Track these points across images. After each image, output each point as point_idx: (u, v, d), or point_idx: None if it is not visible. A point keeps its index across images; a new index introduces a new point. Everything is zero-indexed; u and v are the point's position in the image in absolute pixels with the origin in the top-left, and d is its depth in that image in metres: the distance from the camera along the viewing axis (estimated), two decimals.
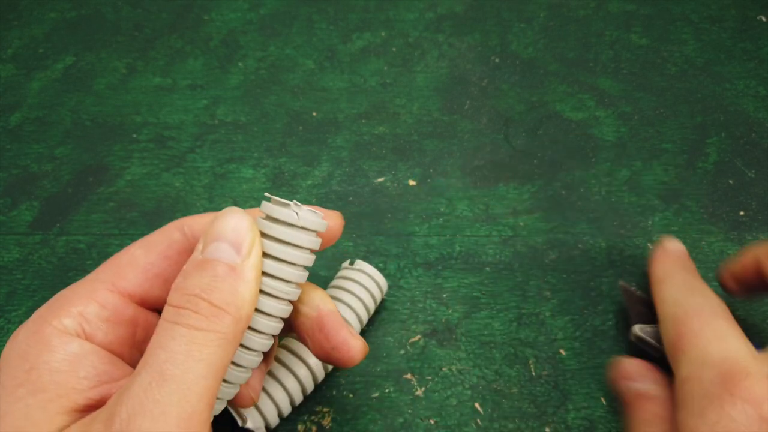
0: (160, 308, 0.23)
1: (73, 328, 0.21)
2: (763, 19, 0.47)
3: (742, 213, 0.37)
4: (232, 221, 0.21)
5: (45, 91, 0.43)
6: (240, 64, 0.45)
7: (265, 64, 0.45)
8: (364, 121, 0.42)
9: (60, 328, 0.21)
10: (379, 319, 0.33)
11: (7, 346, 0.21)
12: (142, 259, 0.23)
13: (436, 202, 0.38)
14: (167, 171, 0.39)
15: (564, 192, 0.38)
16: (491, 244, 0.36)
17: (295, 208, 0.22)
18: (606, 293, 0.34)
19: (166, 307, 0.20)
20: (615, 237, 0.36)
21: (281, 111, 0.42)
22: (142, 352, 0.22)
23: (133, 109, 0.42)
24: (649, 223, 0.37)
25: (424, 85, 0.44)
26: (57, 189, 0.38)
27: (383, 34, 0.47)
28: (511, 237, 0.36)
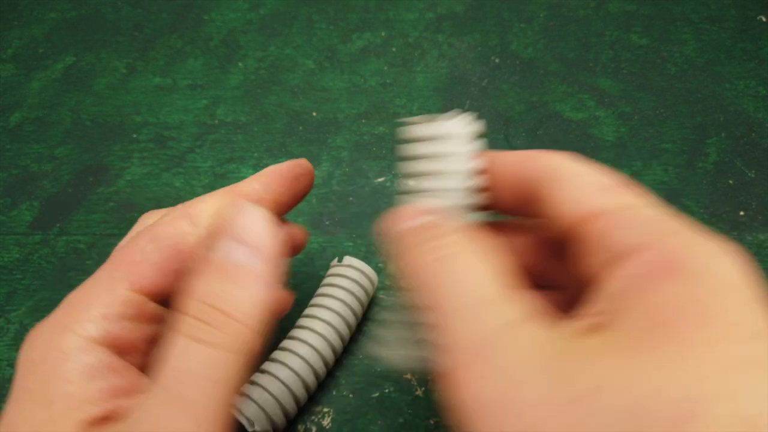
0: (148, 288, 0.22)
1: (97, 333, 0.20)
2: (763, 19, 0.47)
3: (742, 213, 0.37)
4: (250, 218, 0.20)
5: (45, 91, 0.43)
6: (240, 64, 0.45)
7: (265, 64, 0.45)
8: (364, 121, 0.42)
9: (83, 335, 0.20)
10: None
11: (23, 353, 0.20)
12: (156, 255, 0.22)
13: None
14: (167, 171, 0.39)
15: None
16: None
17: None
18: None
19: (179, 316, 0.19)
20: None
21: (281, 111, 0.42)
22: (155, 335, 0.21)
23: (133, 109, 0.42)
24: None
25: (424, 85, 0.44)
26: (57, 189, 0.38)
27: (383, 34, 0.47)
28: None
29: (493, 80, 0.44)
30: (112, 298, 0.20)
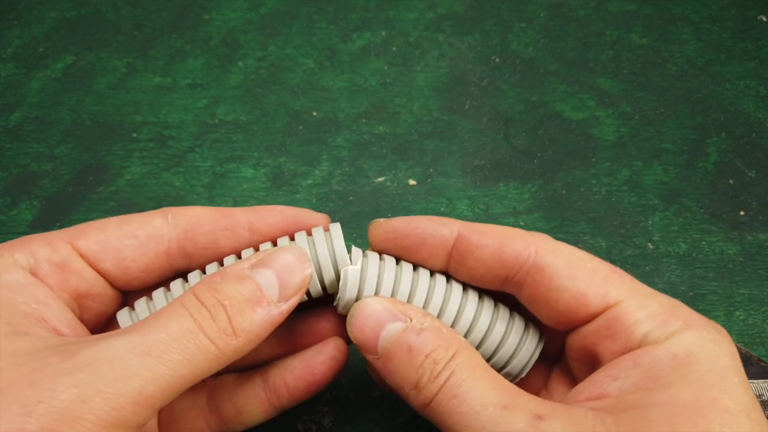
0: (108, 276, 0.24)
1: (22, 262, 0.22)
2: (764, 19, 0.47)
3: (742, 213, 0.37)
4: (297, 262, 0.22)
5: (45, 90, 0.43)
6: (240, 64, 0.45)
7: (266, 63, 0.45)
8: (364, 121, 0.42)
9: (9, 261, 0.22)
10: None
11: None
12: (111, 228, 0.24)
13: (437, 202, 0.38)
14: (167, 170, 0.39)
15: (564, 192, 0.38)
16: None
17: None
18: None
19: (190, 293, 0.21)
20: (615, 237, 0.36)
21: (281, 110, 0.42)
22: (82, 305, 0.23)
23: (133, 109, 0.42)
24: (649, 223, 0.37)
25: (424, 85, 0.44)
26: (57, 188, 0.38)
27: (383, 33, 0.47)
28: None
29: (494, 80, 0.44)
30: (45, 242, 0.23)
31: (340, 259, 0.24)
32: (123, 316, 0.24)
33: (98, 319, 0.24)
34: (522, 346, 0.24)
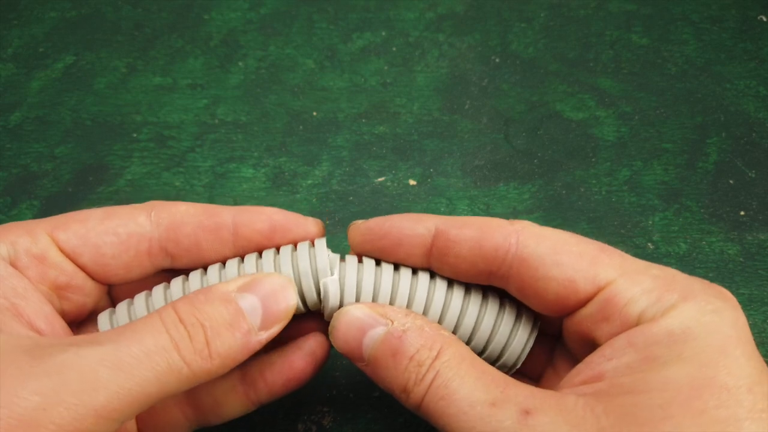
0: (87, 270, 0.23)
1: (2, 252, 0.22)
2: (764, 19, 0.47)
3: (742, 213, 0.37)
4: (283, 291, 0.22)
5: (45, 90, 0.43)
6: (240, 64, 0.45)
7: (266, 63, 0.45)
8: (364, 121, 0.42)
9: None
10: None
11: None
12: (92, 222, 0.23)
13: (437, 202, 0.38)
14: (167, 170, 0.39)
15: (564, 192, 0.38)
16: None
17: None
18: None
19: (170, 309, 0.20)
20: (615, 237, 0.36)
21: (281, 110, 0.42)
22: (62, 296, 0.23)
23: (134, 109, 0.42)
24: (649, 223, 0.37)
25: (424, 85, 0.44)
26: (57, 188, 0.38)
27: (383, 33, 0.47)
28: None
29: (494, 80, 0.44)
30: (26, 232, 0.23)
31: (322, 281, 0.24)
32: (103, 319, 0.24)
33: (79, 311, 0.24)
34: (514, 337, 0.24)
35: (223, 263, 0.25)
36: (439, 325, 0.23)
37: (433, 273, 0.25)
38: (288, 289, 0.22)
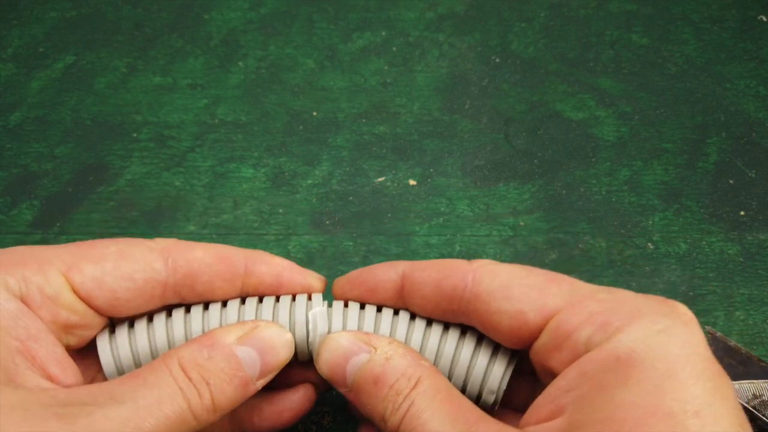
0: (98, 310, 0.24)
1: (14, 288, 0.22)
2: (764, 19, 0.47)
3: (742, 213, 0.37)
4: (281, 343, 0.23)
5: (45, 90, 0.43)
6: (240, 64, 0.45)
7: (266, 63, 0.45)
8: (364, 121, 0.42)
9: (2, 286, 0.22)
10: None
11: None
12: (108, 264, 0.23)
13: (437, 202, 0.38)
14: (167, 170, 0.39)
15: (564, 192, 0.38)
16: (491, 244, 0.36)
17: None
18: None
19: (177, 363, 0.21)
20: (615, 237, 0.36)
21: (281, 110, 0.42)
22: (69, 333, 0.23)
23: (134, 109, 0.42)
24: (649, 223, 0.37)
25: (424, 85, 0.44)
26: (57, 188, 0.38)
27: (384, 33, 0.47)
28: (512, 237, 0.36)
29: (494, 80, 0.44)
30: (41, 270, 0.22)
31: (310, 313, 0.25)
32: (103, 344, 0.24)
33: (83, 342, 0.24)
34: (490, 372, 0.24)
35: (224, 302, 0.26)
36: (420, 355, 0.23)
37: (414, 314, 0.26)
38: (285, 343, 0.24)
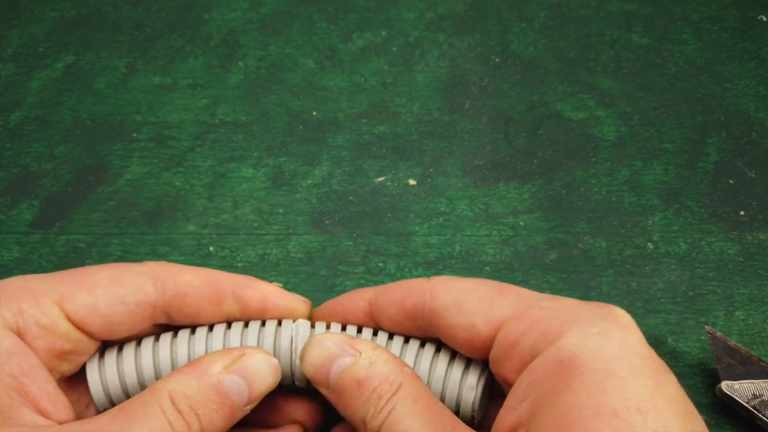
0: (93, 334, 0.24)
1: (10, 322, 0.22)
2: (764, 19, 0.47)
3: (742, 213, 0.37)
4: (268, 370, 0.24)
5: (45, 90, 0.43)
6: (240, 64, 0.45)
7: (266, 63, 0.45)
8: (364, 121, 0.42)
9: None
10: None
11: None
12: (101, 292, 0.24)
13: (436, 202, 0.38)
14: (167, 170, 0.39)
15: (564, 192, 0.38)
16: (491, 244, 0.36)
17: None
18: (606, 293, 0.34)
19: (167, 397, 0.22)
20: (615, 237, 0.36)
21: (281, 110, 0.42)
22: (63, 359, 0.24)
23: (134, 108, 0.42)
24: (649, 223, 0.37)
25: (424, 85, 0.44)
26: (57, 188, 0.38)
27: (383, 33, 0.47)
28: (511, 237, 0.36)
29: (494, 80, 0.44)
30: (36, 302, 0.23)
31: (294, 324, 0.26)
32: (92, 370, 0.25)
33: (76, 368, 0.25)
34: (464, 384, 0.24)
35: (210, 326, 0.26)
36: (402, 362, 0.24)
37: (392, 333, 0.26)
38: (271, 370, 0.24)
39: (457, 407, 0.25)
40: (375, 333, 0.26)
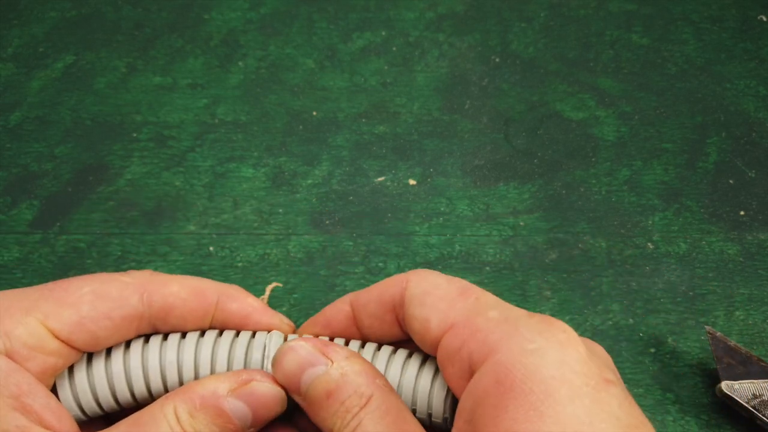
0: (80, 348, 0.24)
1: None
2: (764, 19, 0.47)
3: (742, 213, 0.37)
4: (274, 400, 0.23)
5: (45, 90, 0.43)
6: (240, 64, 0.45)
7: (266, 63, 0.45)
8: (364, 121, 0.42)
9: None
10: None
11: None
12: (86, 308, 0.24)
13: (436, 202, 0.38)
14: (167, 170, 0.39)
15: (564, 192, 0.38)
16: (491, 244, 0.36)
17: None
18: (606, 293, 0.34)
19: (173, 414, 0.22)
20: (615, 237, 0.36)
21: (281, 110, 0.42)
22: (54, 374, 0.23)
23: (134, 108, 0.42)
24: (649, 223, 0.37)
25: (424, 85, 0.44)
26: (57, 188, 0.38)
27: (383, 33, 0.47)
28: (511, 237, 0.36)
29: (494, 80, 0.44)
30: (20, 322, 0.23)
31: (269, 334, 0.26)
32: (64, 388, 0.24)
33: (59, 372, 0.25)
34: (434, 389, 0.24)
35: (183, 334, 0.26)
36: (377, 372, 0.23)
37: (364, 342, 0.26)
38: (278, 400, 0.24)
39: (429, 412, 0.24)
40: (347, 343, 0.26)
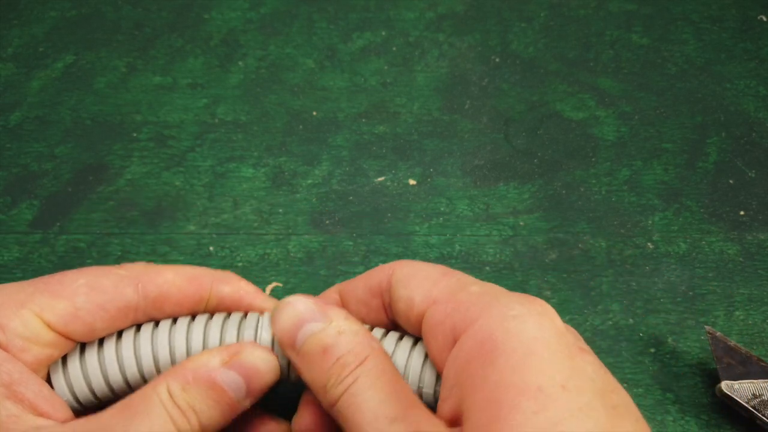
0: (75, 338, 0.24)
1: None
2: (764, 19, 0.47)
3: (742, 213, 0.37)
4: (265, 366, 0.24)
5: (45, 89, 0.43)
6: (240, 63, 0.45)
7: (266, 63, 0.45)
8: (364, 121, 0.42)
9: None
10: None
11: None
12: (81, 299, 0.24)
13: (436, 202, 0.38)
14: (167, 170, 0.39)
15: (564, 192, 0.38)
16: (491, 244, 0.36)
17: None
18: (606, 293, 0.34)
19: (166, 390, 0.22)
20: (615, 237, 0.36)
21: (281, 110, 0.42)
22: (48, 364, 0.24)
23: (134, 108, 0.42)
24: (649, 223, 0.37)
25: (424, 85, 0.44)
26: (57, 188, 0.38)
27: (383, 33, 0.47)
28: (511, 236, 0.36)
29: (494, 80, 0.44)
30: (15, 315, 0.23)
31: (266, 313, 0.26)
32: (57, 376, 0.24)
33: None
34: (425, 371, 0.24)
35: (174, 319, 0.26)
36: (372, 336, 0.24)
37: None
38: (270, 367, 0.24)
39: (420, 392, 0.24)
40: None
